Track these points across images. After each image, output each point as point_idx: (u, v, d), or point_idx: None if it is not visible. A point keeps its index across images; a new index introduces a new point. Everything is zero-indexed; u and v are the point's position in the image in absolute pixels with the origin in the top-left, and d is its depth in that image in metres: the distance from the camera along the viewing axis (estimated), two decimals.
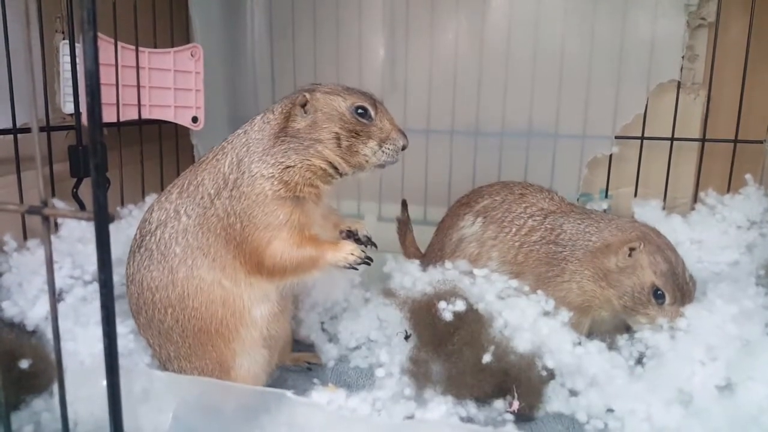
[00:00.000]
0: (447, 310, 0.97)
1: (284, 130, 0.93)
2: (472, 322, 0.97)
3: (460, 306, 0.97)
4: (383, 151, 0.94)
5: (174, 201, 0.93)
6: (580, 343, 1.00)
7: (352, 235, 1.03)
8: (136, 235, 0.95)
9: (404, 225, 1.47)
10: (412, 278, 1.14)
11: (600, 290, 1.09)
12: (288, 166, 0.91)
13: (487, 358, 0.93)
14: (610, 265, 1.07)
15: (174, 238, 0.90)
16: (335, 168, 0.94)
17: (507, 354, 0.95)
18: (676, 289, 1.03)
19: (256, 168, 0.90)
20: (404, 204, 1.48)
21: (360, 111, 0.94)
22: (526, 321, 0.98)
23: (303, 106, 0.94)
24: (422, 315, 1.00)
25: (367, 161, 0.95)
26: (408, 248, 1.46)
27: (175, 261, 0.89)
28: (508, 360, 0.94)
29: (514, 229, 1.20)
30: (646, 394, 0.91)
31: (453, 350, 0.95)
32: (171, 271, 0.89)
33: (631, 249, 1.05)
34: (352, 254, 0.92)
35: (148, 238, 0.92)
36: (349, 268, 0.92)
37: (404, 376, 0.96)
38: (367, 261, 0.94)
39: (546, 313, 1.02)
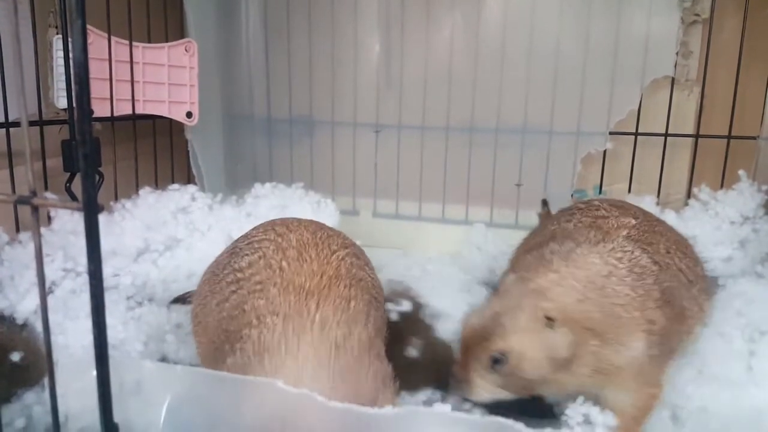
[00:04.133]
0: (393, 312, 0.96)
1: None
2: (416, 321, 0.97)
3: (406, 306, 0.98)
4: None
5: None
6: None
7: None
8: None
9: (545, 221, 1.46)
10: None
11: None
12: None
13: (413, 352, 0.92)
14: None
15: None
16: None
17: (434, 345, 0.94)
18: None
19: None
20: (545, 202, 1.44)
21: None
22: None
23: None
24: None
25: None
26: None
27: None
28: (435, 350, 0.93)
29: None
30: None
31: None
32: None
33: None
34: None
35: None
36: None
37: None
38: None
39: None
